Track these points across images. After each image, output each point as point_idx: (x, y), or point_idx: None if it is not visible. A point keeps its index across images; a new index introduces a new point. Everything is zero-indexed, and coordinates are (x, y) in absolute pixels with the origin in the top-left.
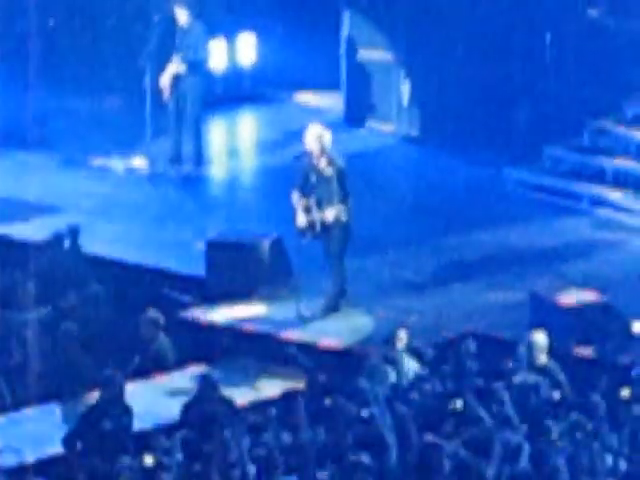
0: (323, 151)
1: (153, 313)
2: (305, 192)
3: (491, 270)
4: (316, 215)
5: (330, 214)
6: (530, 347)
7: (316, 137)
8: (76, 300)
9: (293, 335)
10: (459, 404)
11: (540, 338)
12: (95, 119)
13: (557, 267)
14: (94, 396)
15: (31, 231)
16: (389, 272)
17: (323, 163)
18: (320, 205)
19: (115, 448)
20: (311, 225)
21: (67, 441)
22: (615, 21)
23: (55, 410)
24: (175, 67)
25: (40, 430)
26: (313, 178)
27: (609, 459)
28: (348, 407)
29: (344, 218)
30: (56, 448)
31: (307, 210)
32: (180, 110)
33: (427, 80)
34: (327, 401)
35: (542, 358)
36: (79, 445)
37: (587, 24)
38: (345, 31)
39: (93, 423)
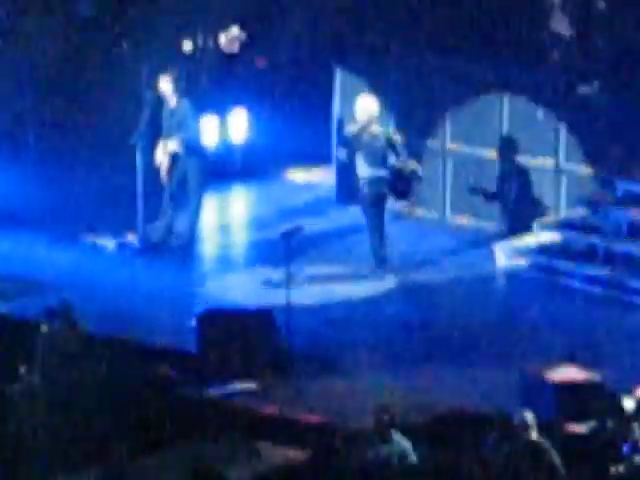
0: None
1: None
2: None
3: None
4: None
5: None
6: (519, 425)
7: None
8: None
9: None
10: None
11: (528, 416)
12: (88, 197)
13: (547, 343)
14: None
15: (22, 309)
16: (378, 348)
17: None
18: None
19: None
20: None
21: None
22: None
23: None
24: (170, 146)
25: None
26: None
27: None
28: None
29: None
30: None
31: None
32: (176, 189)
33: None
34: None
35: (533, 435)
36: None
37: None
38: (337, 108)
39: None
